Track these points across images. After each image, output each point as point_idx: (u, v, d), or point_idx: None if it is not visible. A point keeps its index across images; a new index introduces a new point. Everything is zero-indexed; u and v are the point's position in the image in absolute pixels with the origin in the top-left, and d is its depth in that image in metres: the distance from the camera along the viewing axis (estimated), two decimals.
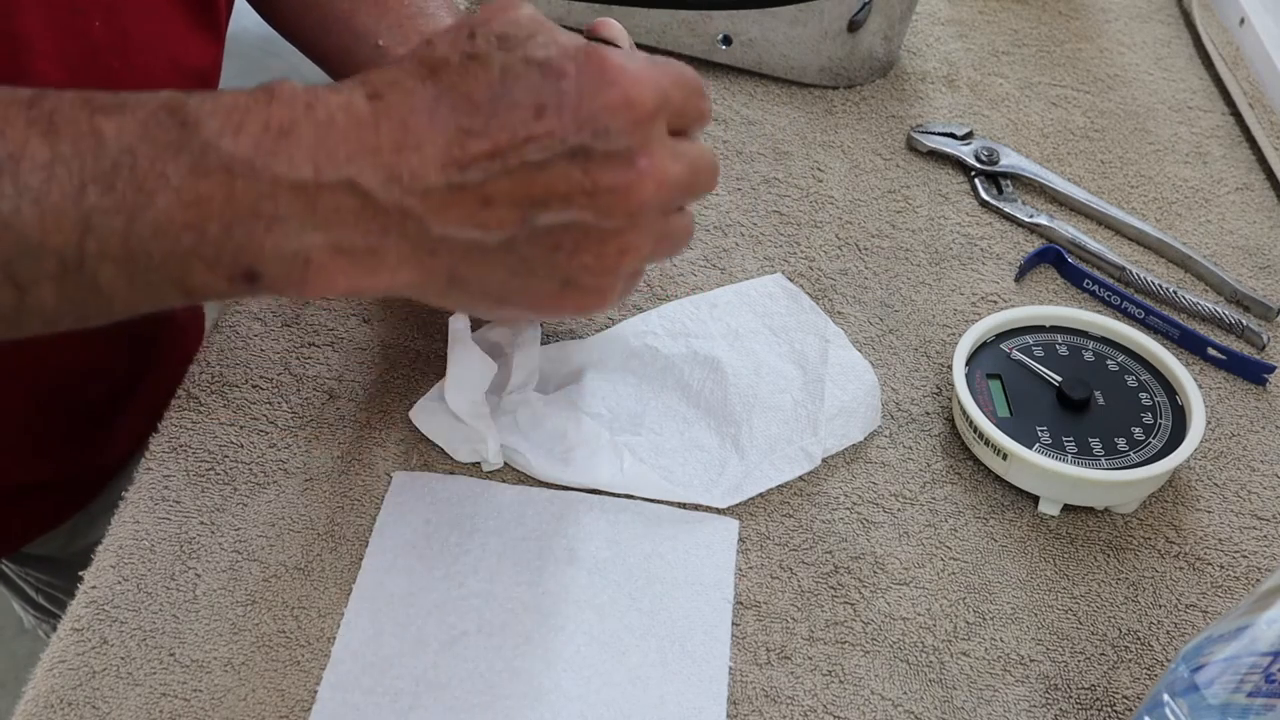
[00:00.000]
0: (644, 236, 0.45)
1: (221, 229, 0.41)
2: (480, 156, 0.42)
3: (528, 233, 0.43)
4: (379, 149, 0.42)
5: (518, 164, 0.42)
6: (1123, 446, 0.62)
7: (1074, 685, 0.55)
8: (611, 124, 0.43)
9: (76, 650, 0.53)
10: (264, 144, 0.41)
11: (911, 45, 0.92)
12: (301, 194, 0.41)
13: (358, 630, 0.54)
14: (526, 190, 0.42)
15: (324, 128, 0.42)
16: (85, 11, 0.59)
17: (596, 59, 0.43)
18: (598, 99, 0.43)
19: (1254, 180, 0.83)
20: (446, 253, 0.43)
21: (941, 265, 0.75)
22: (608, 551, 0.58)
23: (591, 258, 0.44)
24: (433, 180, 0.42)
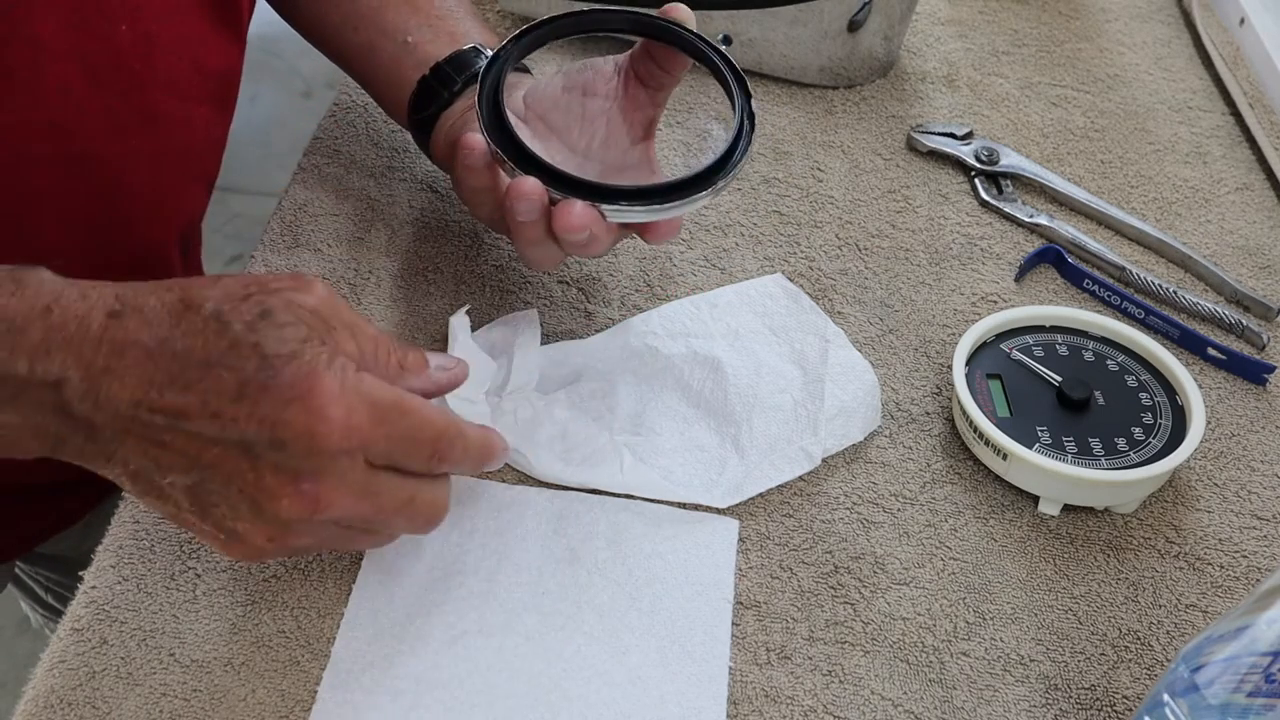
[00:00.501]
0: (307, 540, 0.49)
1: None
2: (168, 408, 0.46)
3: (191, 484, 0.47)
4: (90, 365, 0.46)
5: (196, 430, 0.46)
6: (1123, 446, 0.62)
7: (1074, 685, 0.55)
8: (289, 441, 0.46)
9: (76, 650, 0.53)
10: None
11: (911, 45, 0.92)
12: (10, 384, 0.45)
13: (358, 630, 0.54)
14: (197, 454, 0.46)
15: (54, 332, 0.46)
16: (112, 16, 0.59)
17: (311, 380, 0.46)
18: (288, 413, 0.45)
19: (1254, 180, 0.83)
20: (122, 463, 0.47)
21: (941, 265, 0.75)
22: (608, 551, 0.58)
23: (246, 531, 0.47)
24: (121, 410, 0.46)
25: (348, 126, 0.79)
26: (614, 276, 0.71)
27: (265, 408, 0.46)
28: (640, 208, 0.57)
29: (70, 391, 0.46)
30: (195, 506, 0.47)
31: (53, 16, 0.57)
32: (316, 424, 0.46)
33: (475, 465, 0.53)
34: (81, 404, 0.46)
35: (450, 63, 0.67)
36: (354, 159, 0.77)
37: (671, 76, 0.62)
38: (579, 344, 0.66)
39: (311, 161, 0.76)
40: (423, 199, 0.75)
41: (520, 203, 0.56)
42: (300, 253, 0.71)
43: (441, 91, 0.66)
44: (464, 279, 0.70)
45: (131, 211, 0.67)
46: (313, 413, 0.46)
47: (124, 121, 0.63)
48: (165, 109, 0.65)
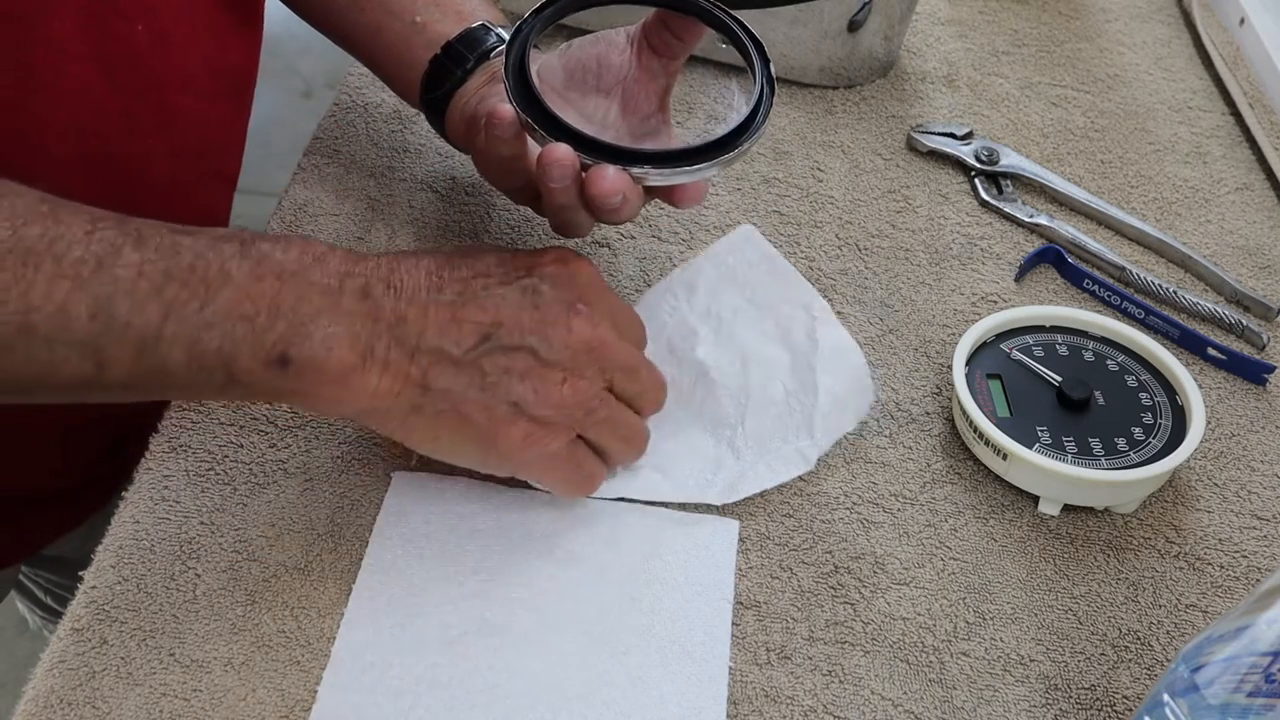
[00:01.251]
0: (585, 382, 0.55)
1: (268, 319, 0.50)
2: (453, 282, 0.54)
3: (486, 349, 0.53)
4: (382, 267, 0.54)
5: (480, 290, 0.54)
6: (1123, 446, 0.62)
7: (1074, 685, 0.55)
8: (558, 279, 0.55)
9: (76, 650, 0.53)
10: (305, 260, 0.52)
11: (911, 45, 0.92)
12: (329, 295, 0.52)
13: (358, 630, 0.54)
14: (486, 313, 0.53)
15: (345, 256, 0.54)
16: (129, 16, 0.60)
17: (560, 254, 0.57)
18: (550, 264, 0.56)
19: (1254, 180, 0.83)
20: (422, 358, 0.53)
21: (941, 265, 0.75)
22: (608, 552, 0.58)
23: (538, 383, 0.53)
24: (419, 294, 0.53)
25: (348, 126, 0.79)
26: (614, 277, 0.71)
27: (529, 262, 0.56)
28: (671, 170, 0.58)
29: (374, 289, 0.53)
30: (493, 380, 0.53)
31: (71, 18, 0.57)
32: (577, 263, 0.56)
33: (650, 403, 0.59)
34: (385, 296, 0.52)
35: (461, 41, 0.67)
36: (354, 159, 0.77)
37: (685, 45, 0.63)
38: None
39: (311, 161, 0.76)
40: (423, 199, 0.75)
41: (553, 169, 0.57)
42: None
43: (454, 70, 0.67)
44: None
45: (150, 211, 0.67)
46: (570, 259, 0.56)
47: (142, 121, 0.63)
48: (182, 108, 0.65)
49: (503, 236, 0.73)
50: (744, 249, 0.70)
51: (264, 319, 0.50)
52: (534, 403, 0.53)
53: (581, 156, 0.57)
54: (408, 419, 0.54)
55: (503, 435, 0.54)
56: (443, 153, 0.77)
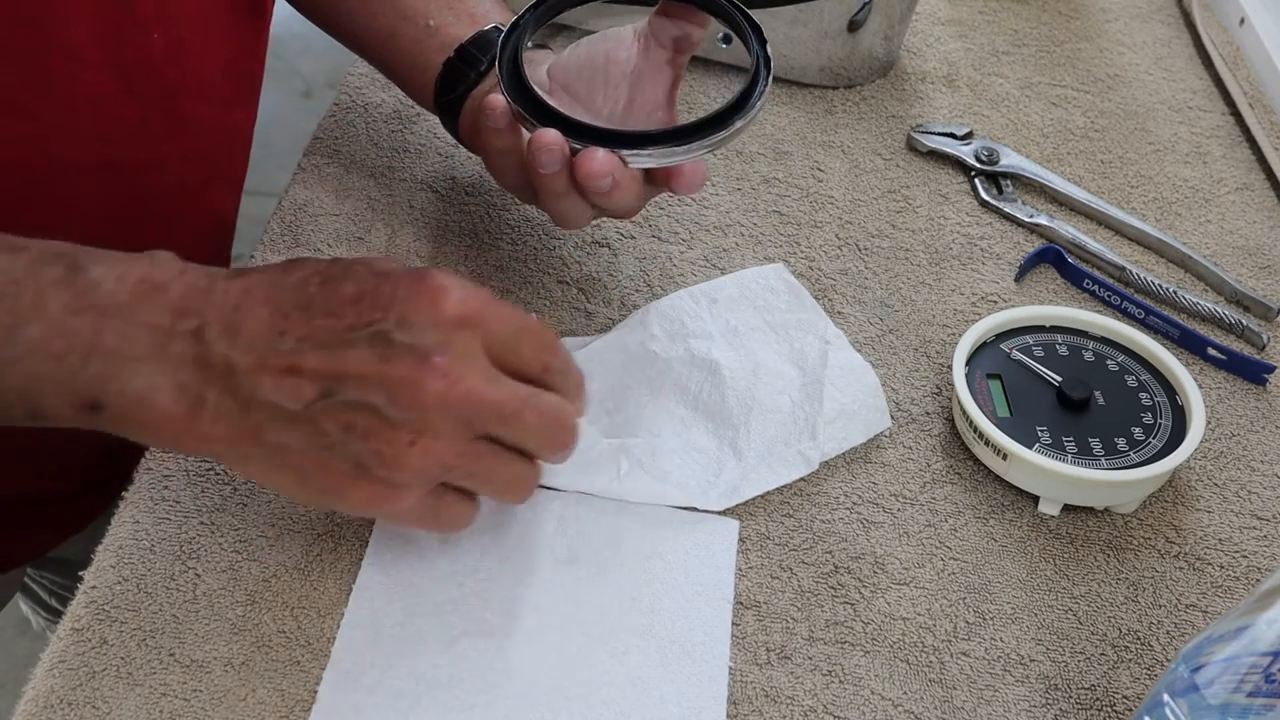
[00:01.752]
0: (441, 443, 0.48)
1: (81, 360, 0.46)
2: (297, 329, 0.48)
3: (325, 406, 0.47)
4: (224, 307, 0.48)
5: (326, 340, 0.47)
6: (1123, 446, 0.62)
7: (1074, 685, 0.55)
8: (414, 318, 0.47)
9: (76, 650, 0.53)
10: (138, 291, 0.48)
11: (911, 45, 0.92)
12: (157, 336, 0.47)
13: (358, 630, 0.54)
14: (329, 365, 0.47)
15: (190, 288, 0.48)
16: (144, 24, 0.59)
17: (424, 274, 0.49)
18: (410, 296, 0.48)
19: (1254, 180, 0.83)
20: (257, 413, 0.48)
21: (941, 265, 0.75)
22: (608, 552, 0.58)
23: (383, 445, 0.47)
24: (256, 342, 0.47)
25: (348, 126, 0.79)
26: (614, 276, 0.71)
27: (384, 296, 0.48)
28: (660, 150, 0.58)
29: (209, 333, 0.47)
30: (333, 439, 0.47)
31: (86, 26, 0.57)
32: (437, 294, 0.48)
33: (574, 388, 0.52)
34: (219, 343, 0.47)
35: (474, 43, 0.67)
36: (354, 159, 0.77)
37: (689, 38, 0.63)
38: (577, 348, 0.66)
39: (311, 161, 0.76)
40: (423, 199, 0.75)
41: (542, 154, 0.57)
42: (300, 253, 0.71)
43: (468, 72, 0.67)
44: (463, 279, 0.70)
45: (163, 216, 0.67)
46: (432, 287, 0.48)
47: (157, 128, 0.63)
48: (197, 114, 0.65)
49: (503, 236, 0.73)
50: (769, 278, 0.70)
51: (75, 359, 0.47)
52: (378, 465, 0.48)
53: (570, 141, 0.57)
54: (246, 467, 0.50)
55: (346, 495, 0.49)
56: (443, 153, 0.77)
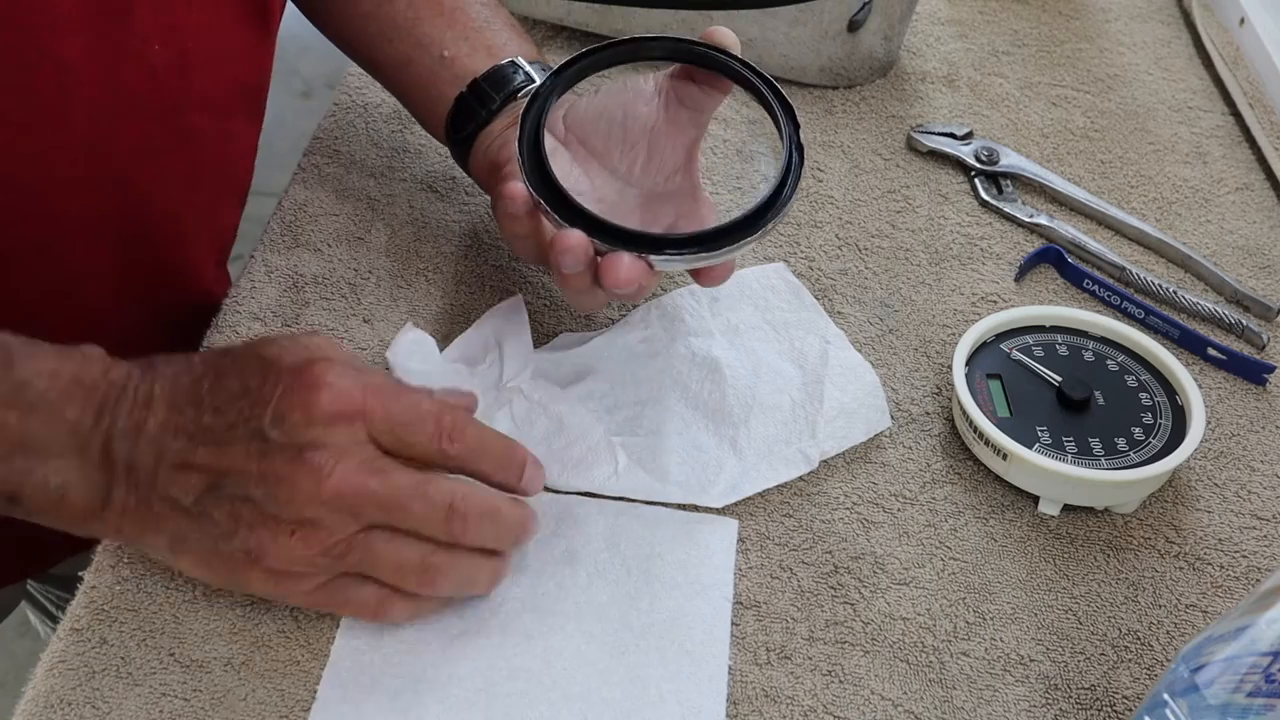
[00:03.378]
0: (322, 533, 0.49)
1: (4, 452, 0.49)
2: (189, 426, 0.50)
3: (214, 499, 0.49)
4: (134, 405, 0.50)
5: (211, 437, 0.49)
6: (1123, 446, 0.62)
7: (1074, 685, 0.55)
8: (289, 415, 0.48)
9: (76, 650, 0.53)
10: (67, 391, 0.49)
11: (911, 45, 0.92)
12: (76, 438, 0.49)
13: (358, 630, 0.54)
14: (213, 461, 0.49)
15: (111, 386, 0.50)
16: (144, 36, 0.58)
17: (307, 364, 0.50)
18: (286, 393, 0.49)
19: (1254, 180, 0.83)
20: (157, 505, 0.50)
21: (941, 265, 0.75)
22: (607, 552, 0.58)
23: (266, 536, 0.49)
24: (155, 441, 0.50)
25: (348, 126, 0.79)
26: None
27: (266, 392, 0.49)
28: (689, 255, 0.56)
29: (116, 434, 0.49)
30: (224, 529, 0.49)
31: (80, 38, 0.56)
32: (310, 392, 0.49)
33: (496, 465, 0.53)
34: (123, 443, 0.49)
35: (488, 79, 0.65)
36: (354, 159, 0.77)
37: (713, 99, 0.61)
38: (578, 345, 0.66)
39: (311, 161, 0.76)
40: (423, 199, 0.75)
41: (566, 256, 0.55)
42: (300, 253, 0.71)
43: (479, 110, 0.65)
44: (464, 279, 0.70)
45: (165, 231, 0.66)
46: (308, 383, 0.49)
47: (159, 143, 0.62)
48: (201, 128, 0.64)
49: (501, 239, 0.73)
50: (770, 277, 0.70)
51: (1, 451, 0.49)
52: (264, 554, 0.49)
53: (596, 243, 0.55)
54: (155, 553, 0.53)
55: (245, 581, 0.51)
56: (442, 153, 0.77)
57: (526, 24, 0.90)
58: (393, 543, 0.50)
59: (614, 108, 0.62)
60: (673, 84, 0.61)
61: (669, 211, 0.62)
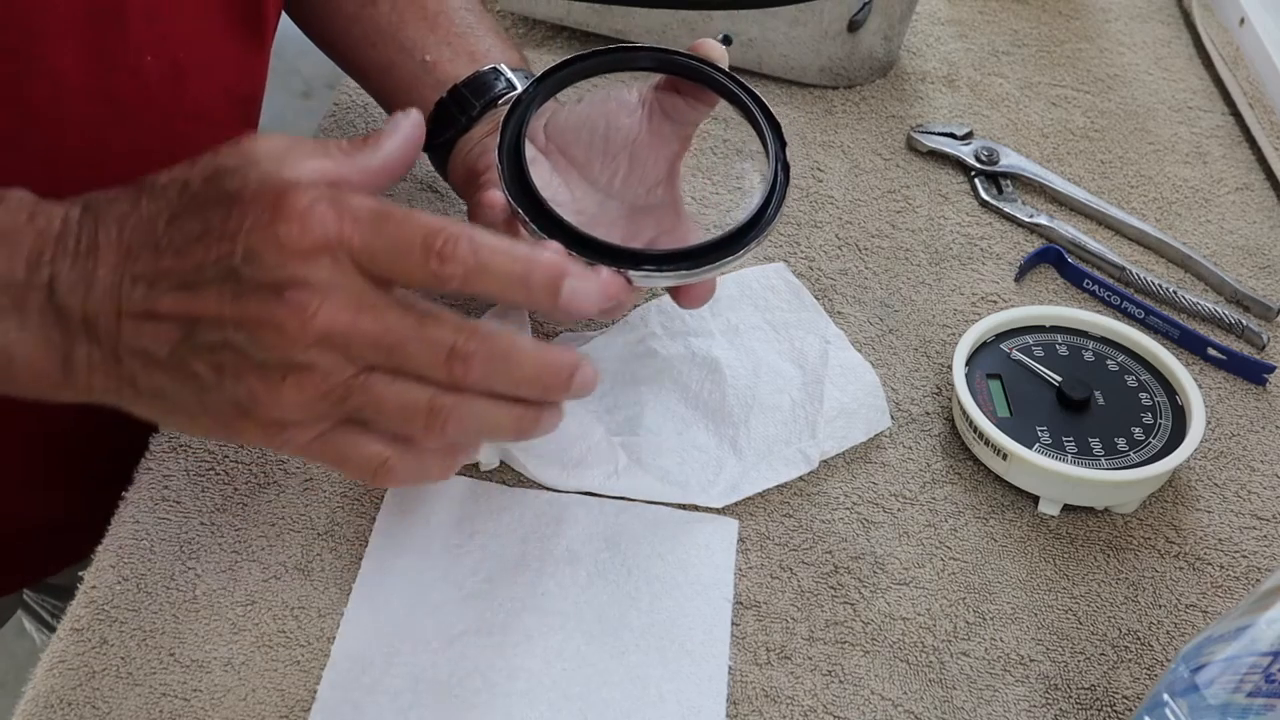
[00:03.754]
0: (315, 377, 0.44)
1: None
2: (147, 271, 0.44)
3: (191, 349, 0.44)
4: (76, 254, 0.45)
5: (176, 280, 0.44)
6: (1123, 446, 0.62)
7: (1074, 685, 0.55)
8: (262, 250, 0.43)
9: (76, 650, 0.53)
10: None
11: (911, 45, 0.92)
12: (11, 293, 0.45)
13: (358, 630, 0.54)
14: (184, 308, 0.44)
15: (41, 235, 0.45)
16: (136, 47, 0.58)
17: (276, 195, 0.43)
18: (251, 220, 0.43)
19: (1254, 180, 0.83)
20: (129, 361, 0.45)
21: (941, 265, 0.75)
22: (607, 552, 0.58)
23: (257, 385, 0.44)
24: (110, 290, 0.45)
25: (348, 126, 0.79)
26: None
27: (231, 227, 0.43)
28: (668, 272, 0.54)
29: (62, 285, 0.45)
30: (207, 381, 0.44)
31: (72, 49, 0.56)
32: (283, 223, 0.43)
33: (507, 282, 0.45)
34: (72, 296, 0.45)
35: (469, 85, 0.64)
36: None
37: (698, 112, 0.59)
38: (578, 345, 0.66)
39: None
40: (423, 199, 0.75)
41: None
42: None
43: (459, 117, 0.64)
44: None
45: None
46: (279, 214, 0.43)
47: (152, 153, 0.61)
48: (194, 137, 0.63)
49: None
50: (770, 277, 0.70)
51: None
52: (255, 405, 0.44)
53: (573, 256, 0.53)
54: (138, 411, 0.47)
55: (239, 434, 0.46)
56: None
57: (526, 24, 0.90)
58: (395, 384, 0.45)
59: (596, 117, 0.60)
60: (657, 95, 0.59)
61: (650, 225, 0.60)
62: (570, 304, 0.45)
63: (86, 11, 0.56)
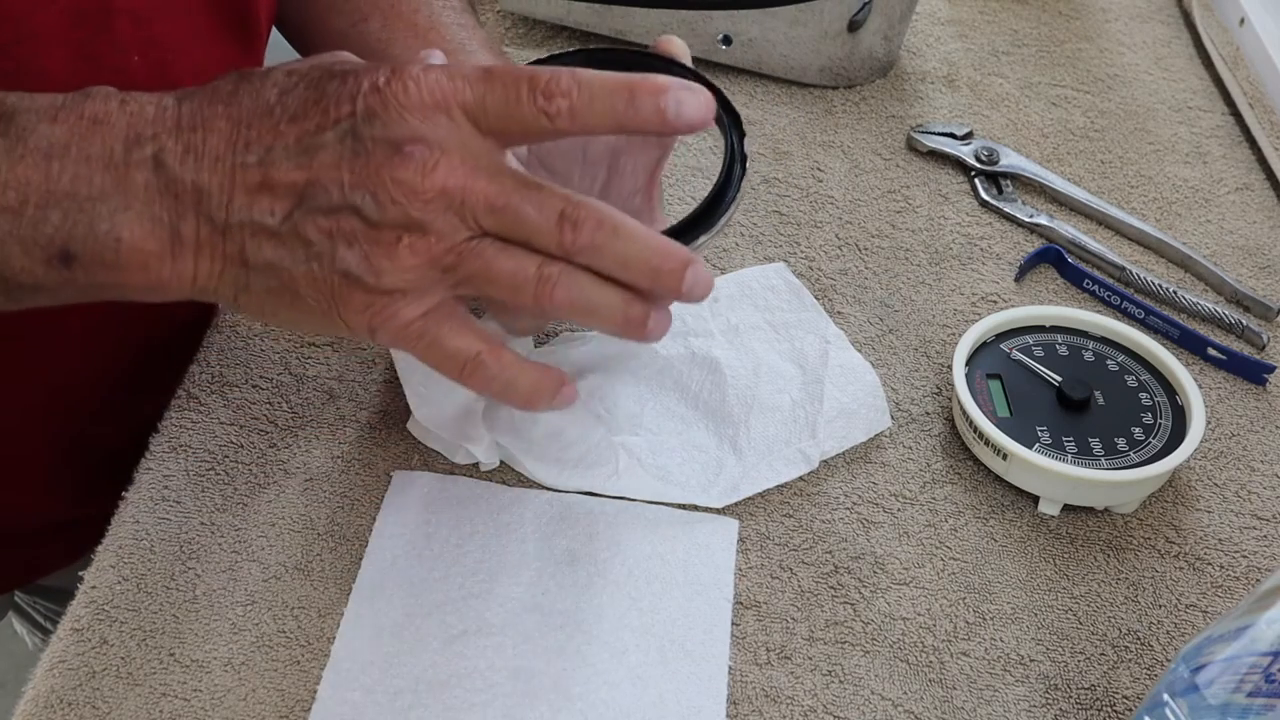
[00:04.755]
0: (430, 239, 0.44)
1: (38, 210, 0.44)
2: (261, 138, 0.44)
3: (305, 214, 0.44)
4: (179, 128, 0.45)
5: (293, 146, 0.44)
6: (1123, 446, 0.62)
7: (1074, 685, 0.55)
8: (381, 110, 0.43)
9: (76, 650, 0.53)
10: (79, 130, 0.44)
11: (911, 45, 0.92)
12: (113, 172, 0.44)
13: (358, 630, 0.54)
14: (300, 172, 0.44)
15: (135, 116, 0.45)
16: (123, 48, 0.58)
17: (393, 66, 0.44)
18: (370, 86, 0.44)
19: (1254, 180, 0.83)
20: (237, 234, 0.45)
21: (941, 265, 0.75)
22: (607, 552, 0.58)
23: (369, 247, 0.44)
24: (222, 159, 0.44)
25: None
26: None
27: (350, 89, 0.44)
28: None
29: (169, 157, 0.44)
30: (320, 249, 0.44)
31: (60, 51, 0.55)
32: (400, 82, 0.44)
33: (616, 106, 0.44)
34: (182, 166, 0.44)
35: None
36: None
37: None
38: (578, 345, 0.66)
39: None
40: None
41: None
42: None
43: None
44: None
45: None
46: (395, 77, 0.44)
47: None
48: None
49: None
50: (770, 277, 0.70)
51: (33, 210, 0.44)
52: (368, 271, 0.44)
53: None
54: (239, 298, 0.47)
55: (343, 309, 0.46)
56: None
57: (526, 24, 0.90)
58: (504, 251, 0.45)
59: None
60: None
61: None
62: (679, 115, 0.44)
63: (73, 12, 0.55)
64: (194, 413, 0.62)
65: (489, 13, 0.91)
